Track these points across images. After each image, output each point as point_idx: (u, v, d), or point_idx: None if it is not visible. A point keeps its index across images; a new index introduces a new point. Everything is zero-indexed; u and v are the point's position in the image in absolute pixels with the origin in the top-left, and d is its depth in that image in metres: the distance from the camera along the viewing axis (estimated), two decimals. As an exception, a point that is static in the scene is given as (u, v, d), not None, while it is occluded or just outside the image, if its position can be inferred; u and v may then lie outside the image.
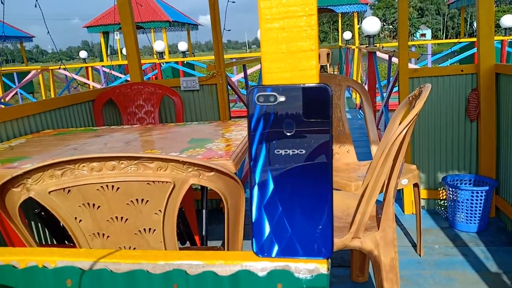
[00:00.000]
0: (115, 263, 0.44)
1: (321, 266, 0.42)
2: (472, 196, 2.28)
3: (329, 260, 0.44)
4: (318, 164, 0.43)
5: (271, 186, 0.43)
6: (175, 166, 0.84)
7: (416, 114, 1.29)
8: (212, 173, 0.86)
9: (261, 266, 0.43)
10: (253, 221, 0.44)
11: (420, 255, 2.12)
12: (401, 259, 2.10)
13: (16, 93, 9.41)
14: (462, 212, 2.33)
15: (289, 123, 0.42)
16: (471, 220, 2.31)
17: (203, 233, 1.69)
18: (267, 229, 0.44)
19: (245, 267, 0.43)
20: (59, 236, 1.59)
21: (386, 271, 1.47)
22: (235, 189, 0.88)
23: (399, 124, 1.42)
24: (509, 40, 7.75)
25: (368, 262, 1.95)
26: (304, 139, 0.42)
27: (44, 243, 2.01)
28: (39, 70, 8.97)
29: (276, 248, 0.44)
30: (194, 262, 0.44)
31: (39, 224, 1.99)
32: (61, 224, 1.51)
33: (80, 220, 0.89)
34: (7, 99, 8.24)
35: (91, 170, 0.82)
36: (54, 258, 0.45)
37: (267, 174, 0.43)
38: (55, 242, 1.67)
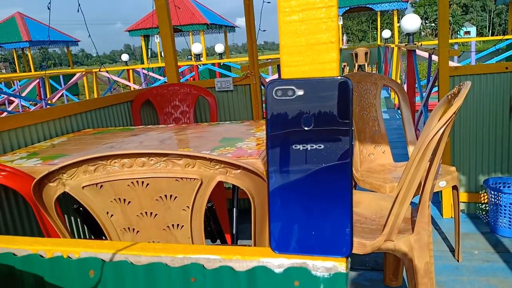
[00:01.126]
0: (136, 255, 0.45)
1: (339, 265, 0.41)
2: (517, 200, 2.16)
3: (349, 259, 0.42)
4: (337, 160, 0.42)
5: (289, 182, 0.43)
6: (203, 163, 0.85)
7: (454, 113, 1.24)
8: (239, 171, 0.86)
9: (278, 263, 0.43)
10: (270, 217, 0.43)
11: (458, 261, 2.04)
12: (437, 264, 2.03)
13: (62, 95, 9.85)
14: (504, 217, 2.21)
15: (308, 118, 0.42)
16: (515, 225, 2.20)
17: (234, 231, 1.70)
18: (284, 225, 0.43)
19: (262, 263, 0.43)
20: (96, 231, 1.64)
21: (420, 275, 1.42)
22: (262, 187, 0.88)
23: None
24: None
25: (402, 266, 1.90)
26: (322, 133, 0.42)
27: (83, 237, 2.10)
28: (83, 73, 9.35)
29: (293, 245, 0.43)
30: (212, 257, 0.44)
31: (78, 220, 2.07)
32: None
33: (112, 215, 0.92)
34: (53, 100, 8.64)
35: (122, 166, 0.85)
36: (78, 249, 0.47)
37: (284, 169, 0.43)
38: (93, 238, 1.74)
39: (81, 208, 1.66)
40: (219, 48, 10.71)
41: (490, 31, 62.29)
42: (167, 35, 2.79)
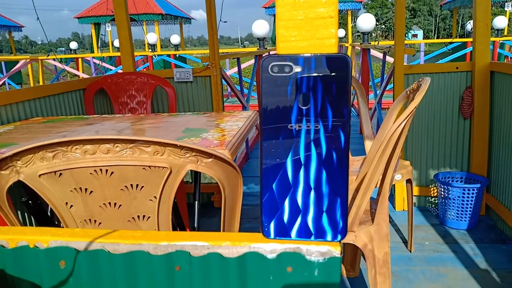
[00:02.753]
0: (113, 243, 0.42)
1: (334, 249, 0.40)
2: (463, 194, 2.28)
3: (342, 243, 0.41)
4: (334, 142, 0.40)
5: (282, 164, 0.41)
6: (173, 151, 0.81)
7: (415, 107, 1.27)
8: (210, 160, 0.83)
9: (270, 248, 0.41)
10: (262, 200, 0.41)
11: (410, 251, 2.12)
12: (392, 255, 2.10)
13: (4, 83, 9.24)
14: (453, 210, 2.33)
15: (305, 96, 0.40)
16: (461, 217, 2.32)
17: (195, 225, 1.66)
18: (277, 209, 0.41)
19: (253, 249, 0.41)
20: (46, 226, 1.55)
21: (379, 265, 1.46)
22: (234, 177, 0.86)
23: (397, 118, 1.41)
24: (501, 41, 7.83)
25: (359, 257, 1.94)
26: (320, 113, 0.40)
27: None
28: (28, 60, 8.82)
29: (286, 230, 0.41)
30: (199, 243, 0.41)
31: (26, 214, 1.94)
32: (48, 214, 1.47)
33: (71, 206, 0.85)
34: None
35: (84, 153, 0.79)
36: (46, 237, 0.42)
37: (278, 151, 0.41)
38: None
39: (30, 202, 1.55)
40: (175, 39, 10.49)
41: (435, 35, 65.70)
42: (123, 20, 2.68)
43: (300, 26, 0.39)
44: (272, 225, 0.42)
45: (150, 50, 9.31)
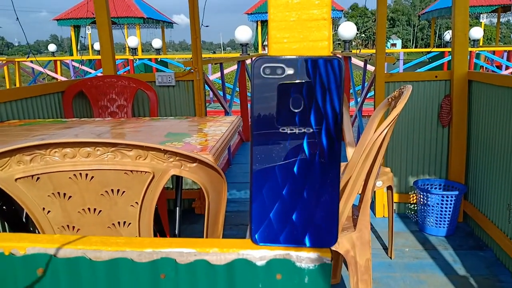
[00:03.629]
0: (95, 250, 0.40)
1: (324, 256, 0.39)
2: (442, 201, 2.32)
3: (332, 249, 0.40)
4: (326, 145, 0.39)
5: (273, 168, 0.40)
6: (156, 155, 0.79)
7: (397, 114, 1.29)
8: (194, 164, 0.81)
9: (260, 255, 0.40)
10: (252, 206, 0.40)
11: (391, 258, 2.14)
12: (372, 261, 2.11)
13: (-22, 84, 8.98)
14: (431, 216, 2.36)
15: (297, 98, 0.39)
16: (440, 224, 2.35)
17: (176, 231, 1.63)
18: (267, 215, 0.40)
19: (242, 255, 0.40)
20: (21, 232, 1.49)
21: (361, 272, 1.46)
22: (218, 182, 0.84)
23: (379, 125, 1.42)
24: (477, 51, 8.06)
25: (340, 264, 1.95)
26: (312, 116, 0.39)
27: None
28: (4, 62, 8.61)
29: (276, 236, 0.40)
30: (185, 250, 0.40)
31: None
32: (23, 220, 1.42)
33: (49, 211, 0.82)
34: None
35: (63, 156, 0.76)
36: (23, 244, 0.40)
37: (269, 155, 0.40)
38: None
39: (4, 207, 1.50)
40: (157, 43, 10.41)
41: (414, 44, 67.17)
42: (104, 23, 2.64)
43: (292, 27, 0.38)
44: (261, 231, 0.40)
45: (131, 54, 9.21)
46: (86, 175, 0.79)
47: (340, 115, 0.39)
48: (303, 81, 0.39)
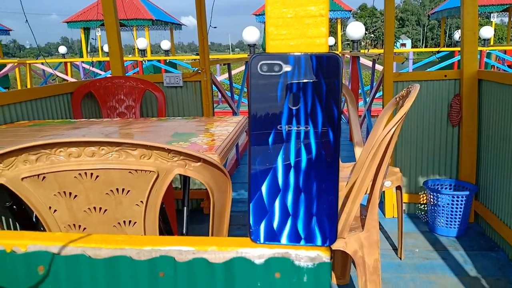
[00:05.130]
0: (95, 248, 0.40)
1: (323, 254, 0.38)
2: (453, 201, 2.29)
3: (331, 248, 0.40)
4: (325, 143, 0.39)
5: (271, 166, 0.40)
6: (160, 155, 0.79)
7: (405, 113, 1.27)
8: (199, 164, 0.81)
9: (258, 253, 0.39)
10: (250, 204, 0.40)
11: (400, 259, 2.12)
12: (382, 262, 2.09)
13: (-10, 87, 9.12)
14: (442, 217, 2.34)
15: (295, 96, 0.39)
16: (451, 224, 2.32)
17: (184, 231, 1.63)
18: (265, 213, 0.40)
19: (241, 254, 0.39)
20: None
21: (369, 272, 1.45)
22: (222, 182, 0.84)
23: (386, 124, 1.41)
24: (488, 51, 7.96)
25: (349, 265, 1.93)
26: (310, 113, 0.39)
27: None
28: (16, 64, 8.72)
29: (275, 235, 0.40)
30: (184, 248, 0.39)
31: (10, 220, 1.90)
32: (33, 220, 1.44)
33: (55, 210, 0.83)
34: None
35: (68, 155, 0.77)
36: (24, 241, 0.40)
37: (267, 153, 0.39)
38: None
39: (14, 207, 1.52)
40: (165, 45, 10.47)
41: (423, 44, 66.62)
42: (112, 24, 2.66)
43: (290, 24, 0.38)
44: (260, 229, 0.40)
45: (140, 56, 9.28)
46: (91, 174, 0.79)
47: (338, 112, 0.39)
48: (301, 78, 0.38)
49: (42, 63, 8.78)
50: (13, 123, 1.94)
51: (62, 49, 11.21)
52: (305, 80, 0.38)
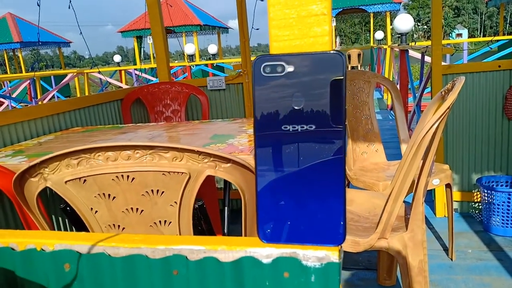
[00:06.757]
0: (114, 247, 0.42)
1: (331, 254, 0.38)
2: (509, 199, 2.15)
3: (341, 248, 0.40)
4: (330, 142, 0.39)
5: (278, 166, 0.40)
6: (191, 157, 0.82)
7: (448, 108, 1.22)
8: (228, 165, 0.83)
9: (266, 253, 0.40)
10: (258, 204, 0.40)
11: (452, 260, 2.02)
12: (431, 263, 2.01)
13: (53, 96, 9.75)
14: (497, 216, 2.20)
15: (298, 96, 0.39)
16: (507, 223, 2.19)
17: (225, 231, 1.67)
18: (274, 213, 0.40)
19: (249, 253, 0.40)
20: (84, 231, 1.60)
21: (414, 273, 1.40)
22: (253, 182, 0.85)
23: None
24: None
25: (395, 265, 1.87)
26: (314, 113, 0.39)
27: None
28: (74, 74, 9.27)
29: (283, 234, 0.40)
30: (195, 247, 0.41)
31: (67, 221, 2.03)
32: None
33: (96, 211, 0.88)
34: (44, 101, 8.56)
35: (106, 159, 0.81)
36: (52, 241, 0.43)
37: (272, 153, 0.40)
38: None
39: (68, 208, 1.62)
40: (212, 49, 10.68)
41: (482, 34, 62.90)
42: (158, 33, 2.76)
43: (292, 25, 0.38)
44: (268, 229, 0.41)
45: (189, 61, 9.53)
46: (128, 176, 0.83)
47: (343, 111, 0.38)
48: (304, 77, 0.39)
49: (99, 72, 9.27)
50: (68, 130, 2.07)
51: (117, 58, 11.76)
52: (308, 80, 0.39)
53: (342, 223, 0.39)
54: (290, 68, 0.39)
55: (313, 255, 0.39)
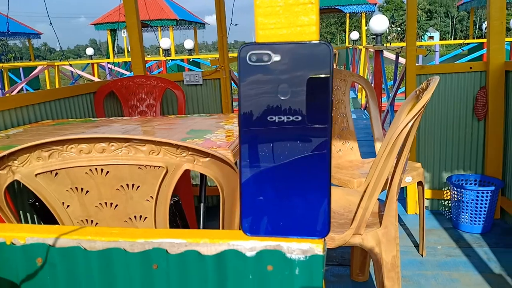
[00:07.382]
0: (90, 240, 0.41)
1: (316, 247, 0.38)
2: (477, 197, 2.22)
3: (325, 241, 0.39)
4: (316, 133, 0.38)
5: (262, 157, 0.39)
6: (168, 150, 0.80)
7: (422, 107, 1.24)
8: (207, 159, 0.82)
9: (250, 246, 0.39)
10: (241, 196, 0.39)
11: (422, 256, 2.07)
12: (403, 259, 2.05)
13: (22, 89, 9.43)
14: (466, 213, 2.27)
15: (285, 86, 0.38)
16: (475, 221, 2.26)
17: (200, 227, 1.65)
18: (257, 205, 0.40)
19: (232, 246, 0.39)
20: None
21: (387, 269, 1.43)
22: (232, 177, 0.84)
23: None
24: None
25: (368, 261, 1.90)
26: (300, 103, 0.38)
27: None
28: (45, 66, 8.99)
29: (267, 227, 0.40)
30: (176, 241, 0.40)
31: (35, 216, 1.96)
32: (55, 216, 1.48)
33: (68, 206, 0.85)
34: (13, 94, 8.26)
35: (79, 152, 0.79)
36: (23, 234, 0.41)
37: (257, 143, 0.39)
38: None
39: (37, 203, 1.57)
40: (189, 44, 10.57)
41: (453, 37, 64.74)
42: (133, 25, 2.70)
43: (279, 13, 0.38)
44: (252, 221, 0.40)
45: (164, 55, 9.40)
46: (102, 170, 0.81)
47: (329, 102, 0.38)
48: (291, 67, 0.38)
49: (70, 65, 9.03)
50: (37, 123, 1.99)
51: (89, 51, 11.48)
52: (295, 69, 0.38)
53: (326, 215, 0.39)
54: (276, 57, 0.38)
55: (298, 248, 0.38)
